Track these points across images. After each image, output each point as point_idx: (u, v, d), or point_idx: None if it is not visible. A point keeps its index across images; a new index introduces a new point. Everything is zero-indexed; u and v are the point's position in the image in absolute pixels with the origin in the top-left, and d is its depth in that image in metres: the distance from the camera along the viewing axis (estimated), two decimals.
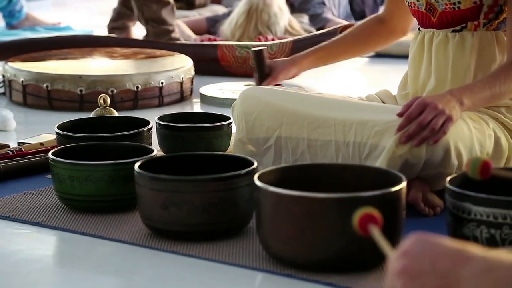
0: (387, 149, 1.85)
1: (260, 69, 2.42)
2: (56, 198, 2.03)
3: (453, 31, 2.08)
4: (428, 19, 2.12)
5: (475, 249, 0.94)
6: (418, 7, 2.13)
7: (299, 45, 3.69)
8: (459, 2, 2.03)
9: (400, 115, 1.87)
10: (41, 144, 2.40)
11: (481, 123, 1.99)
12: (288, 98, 2.08)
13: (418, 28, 2.17)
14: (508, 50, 1.99)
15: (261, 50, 2.42)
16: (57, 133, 2.23)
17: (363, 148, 1.92)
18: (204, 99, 3.30)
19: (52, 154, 2.00)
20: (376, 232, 1.25)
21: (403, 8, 2.25)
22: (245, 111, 2.11)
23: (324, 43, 2.46)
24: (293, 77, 2.48)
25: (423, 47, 2.13)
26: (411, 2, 2.15)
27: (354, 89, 3.51)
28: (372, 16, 2.43)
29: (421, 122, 1.84)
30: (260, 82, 2.40)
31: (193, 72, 3.41)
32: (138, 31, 4.57)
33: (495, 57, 2.04)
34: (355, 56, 2.54)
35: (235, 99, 2.20)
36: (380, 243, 1.18)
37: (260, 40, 4.22)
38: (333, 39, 2.45)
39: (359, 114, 1.96)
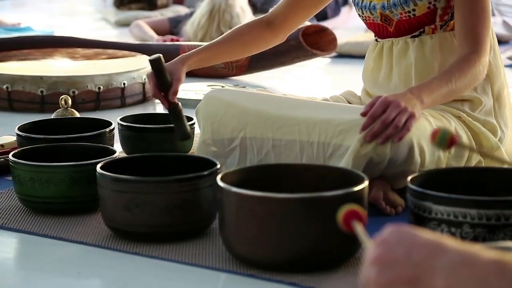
0: (351, 149, 1.87)
1: (161, 77, 2.14)
2: (17, 200, 2.01)
3: (412, 37, 2.10)
4: (385, 30, 2.14)
5: (452, 242, 0.95)
6: (373, 20, 2.14)
7: None
8: (414, 10, 2.06)
9: (363, 114, 1.89)
10: (2, 145, 2.38)
11: (442, 120, 2.01)
12: (252, 98, 2.09)
13: (376, 40, 2.19)
14: (458, 46, 2.02)
15: (158, 58, 2.14)
16: (17, 134, 2.21)
17: (327, 147, 1.93)
18: None
19: (13, 155, 1.98)
20: (359, 229, 1.26)
21: (296, 14, 2.25)
22: (210, 113, 2.10)
23: (209, 43, 2.32)
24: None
25: (382, 56, 2.15)
26: (365, 16, 2.16)
27: (316, 90, 3.53)
28: (258, 18, 2.35)
29: (384, 120, 1.85)
30: (164, 90, 2.14)
31: None
32: (111, 32, 4.53)
33: None
34: (238, 57, 2.42)
35: (198, 100, 2.20)
36: (363, 240, 1.18)
37: None
38: (218, 39, 2.33)
39: (322, 113, 1.97)
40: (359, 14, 2.19)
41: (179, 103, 2.17)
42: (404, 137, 1.86)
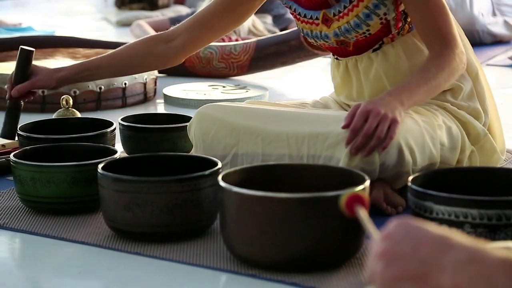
0: (341, 163, 1.86)
1: (23, 70, 2.21)
2: (18, 200, 2.01)
3: (373, 51, 2.10)
4: (344, 50, 2.13)
5: (460, 238, 0.93)
6: (329, 45, 2.13)
7: (262, 46, 3.70)
8: (368, 30, 2.05)
9: (345, 127, 1.87)
10: (3, 145, 2.38)
11: (428, 115, 2.00)
12: (242, 114, 2.05)
13: (336, 58, 2.17)
14: (428, 47, 2.01)
15: (31, 50, 2.22)
16: (19, 134, 2.21)
17: (317, 160, 1.92)
18: (168, 99, 3.29)
19: (14, 156, 1.98)
20: (362, 214, 1.24)
21: (201, 37, 2.20)
22: (202, 130, 2.07)
23: (96, 57, 2.25)
24: (54, 88, 2.27)
25: (349, 73, 2.14)
26: (320, 44, 2.14)
27: (317, 90, 3.52)
28: (156, 34, 2.25)
29: (366, 132, 1.83)
30: (17, 82, 2.21)
31: (156, 73, 3.40)
32: (112, 31, 4.53)
33: (424, 53, 2.06)
34: (126, 74, 2.32)
35: (198, 100, 2.19)
36: (365, 225, 1.18)
37: (223, 41, 4.22)
38: (107, 54, 2.22)
39: (309, 127, 1.95)
40: (311, 43, 2.17)
41: (20, 102, 2.22)
42: (389, 146, 1.85)
